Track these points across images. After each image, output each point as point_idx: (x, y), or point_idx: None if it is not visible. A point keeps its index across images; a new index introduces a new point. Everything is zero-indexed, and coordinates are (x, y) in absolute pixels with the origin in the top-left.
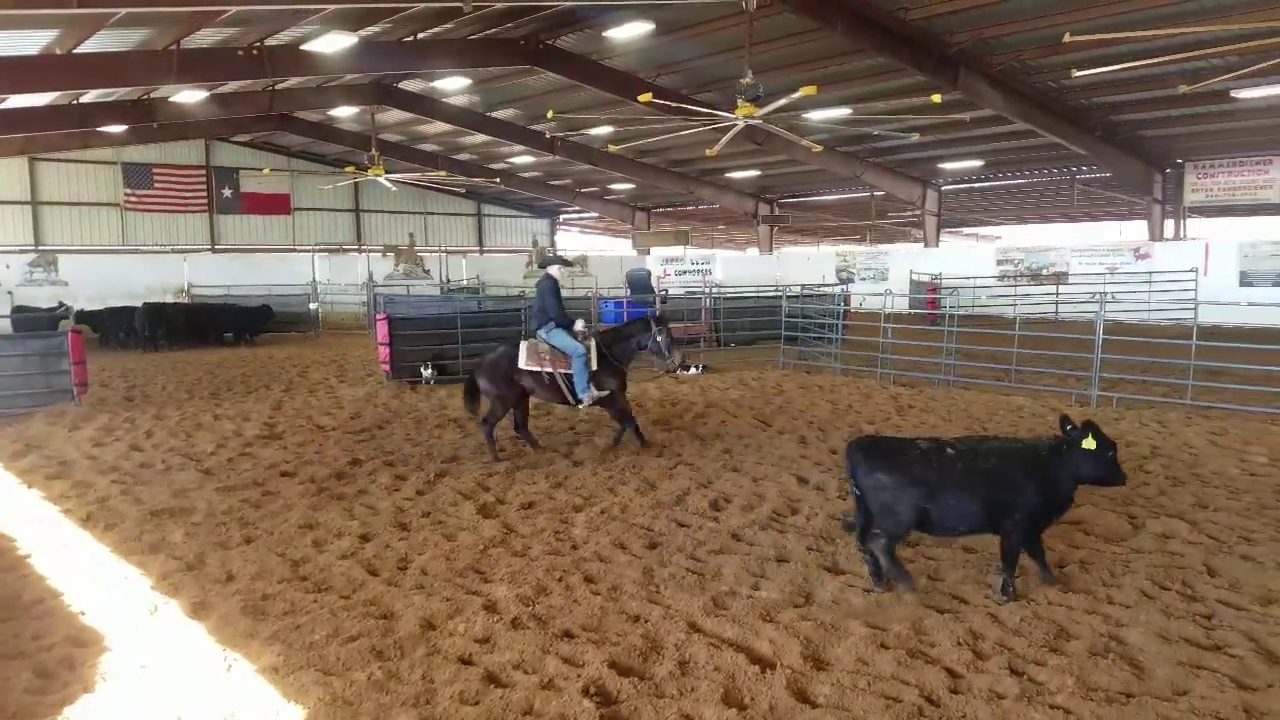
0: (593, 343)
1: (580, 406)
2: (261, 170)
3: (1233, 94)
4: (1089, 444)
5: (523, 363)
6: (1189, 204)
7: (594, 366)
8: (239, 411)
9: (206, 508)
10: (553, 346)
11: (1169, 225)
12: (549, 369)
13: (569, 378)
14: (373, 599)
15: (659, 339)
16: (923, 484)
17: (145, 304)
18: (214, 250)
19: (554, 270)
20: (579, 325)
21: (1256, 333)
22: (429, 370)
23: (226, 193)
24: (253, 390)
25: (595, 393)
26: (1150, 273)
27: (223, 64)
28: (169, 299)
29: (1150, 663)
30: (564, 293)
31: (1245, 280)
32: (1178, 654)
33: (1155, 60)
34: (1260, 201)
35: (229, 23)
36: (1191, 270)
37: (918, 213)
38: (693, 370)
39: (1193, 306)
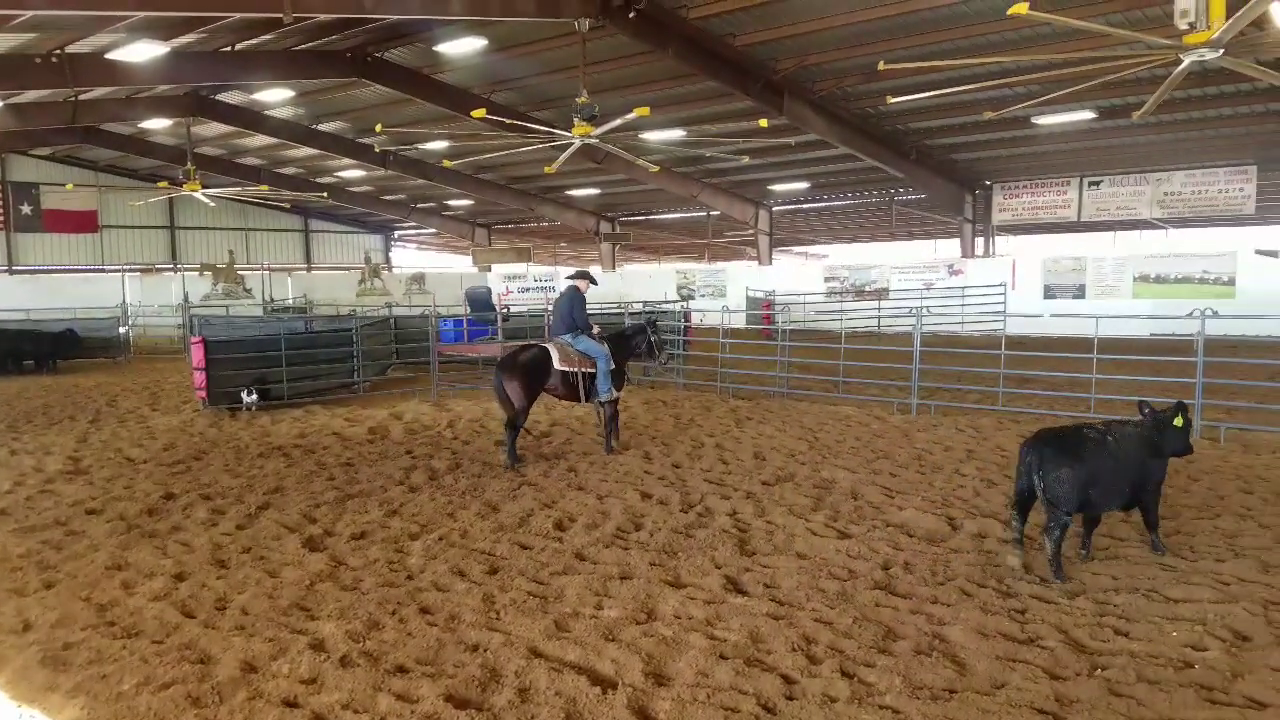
0: (607, 347)
1: (600, 400)
2: (65, 186)
3: (1033, 120)
4: (1179, 422)
5: (557, 364)
6: (997, 223)
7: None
8: (40, 445)
9: (0, 551)
10: (580, 351)
11: (979, 243)
12: (577, 369)
13: (590, 377)
14: (188, 642)
15: (652, 340)
16: (1096, 470)
17: None
18: (11, 272)
19: (580, 283)
20: (595, 332)
21: (1059, 342)
22: (251, 395)
23: (25, 209)
24: (55, 422)
25: (615, 393)
26: (963, 288)
27: (18, 72)
28: None
29: (970, 659)
30: (401, 311)
31: (1049, 293)
32: (995, 649)
33: (964, 88)
34: (1061, 220)
35: (24, 27)
36: (1000, 285)
37: (752, 232)
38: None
39: (1002, 319)
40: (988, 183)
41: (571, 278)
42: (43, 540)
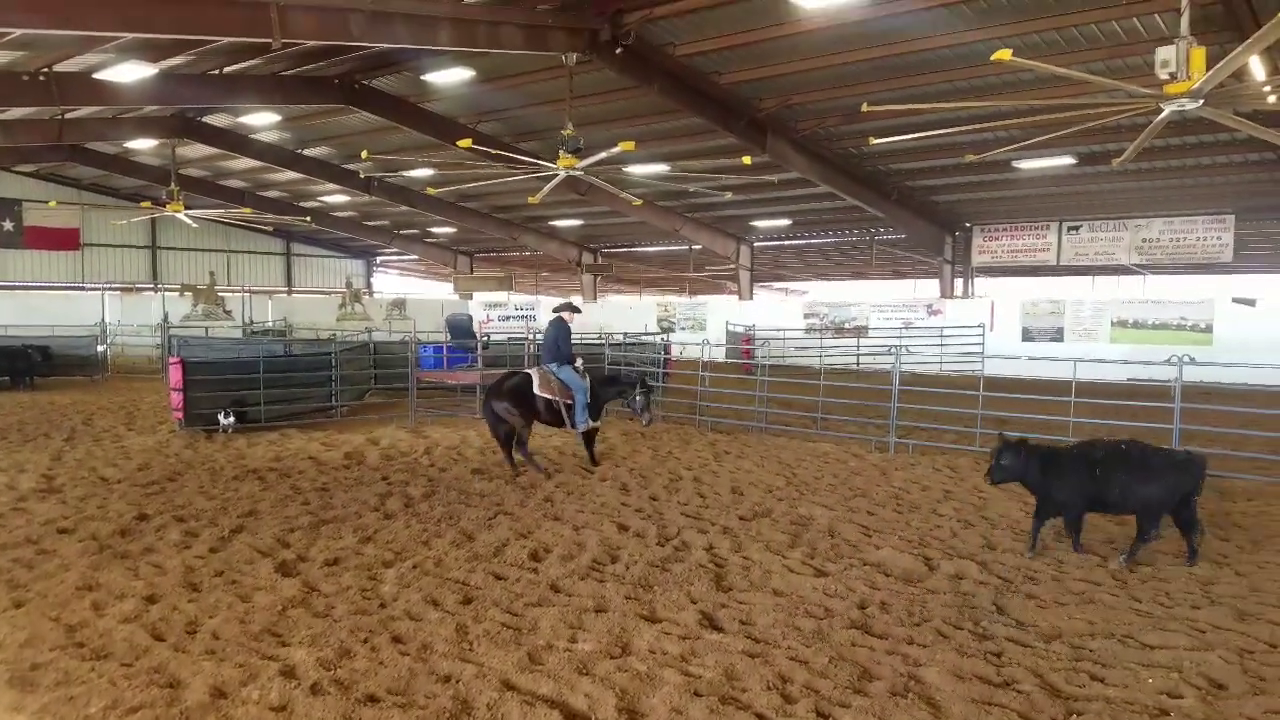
0: (588, 381)
1: (577, 429)
2: (48, 203)
3: (1014, 164)
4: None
5: (536, 388)
6: (976, 264)
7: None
8: (13, 463)
9: None
10: (562, 381)
11: (958, 283)
12: (558, 398)
13: (569, 407)
14: (157, 666)
15: (638, 399)
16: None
17: None
18: None
19: (565, 314)
20: (578, 364)
21: (1036, 384)
22: (228, 418)
23: (7, 226)
24: (30, 439)
25: (592, 423)
26: (942, 328)
27: (4, 88)
28: None
29: (946, 701)
30: (380, 335)
31: (1027, 335)
32: (971, 691)
33: (945, 131)
34: (1040, 263)
35: (12, 45)
36: (979, 326)
37: (733, 267)
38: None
39: (980, 359)
40: (968, 224)
41: (558, 309)
42: (13, 559)
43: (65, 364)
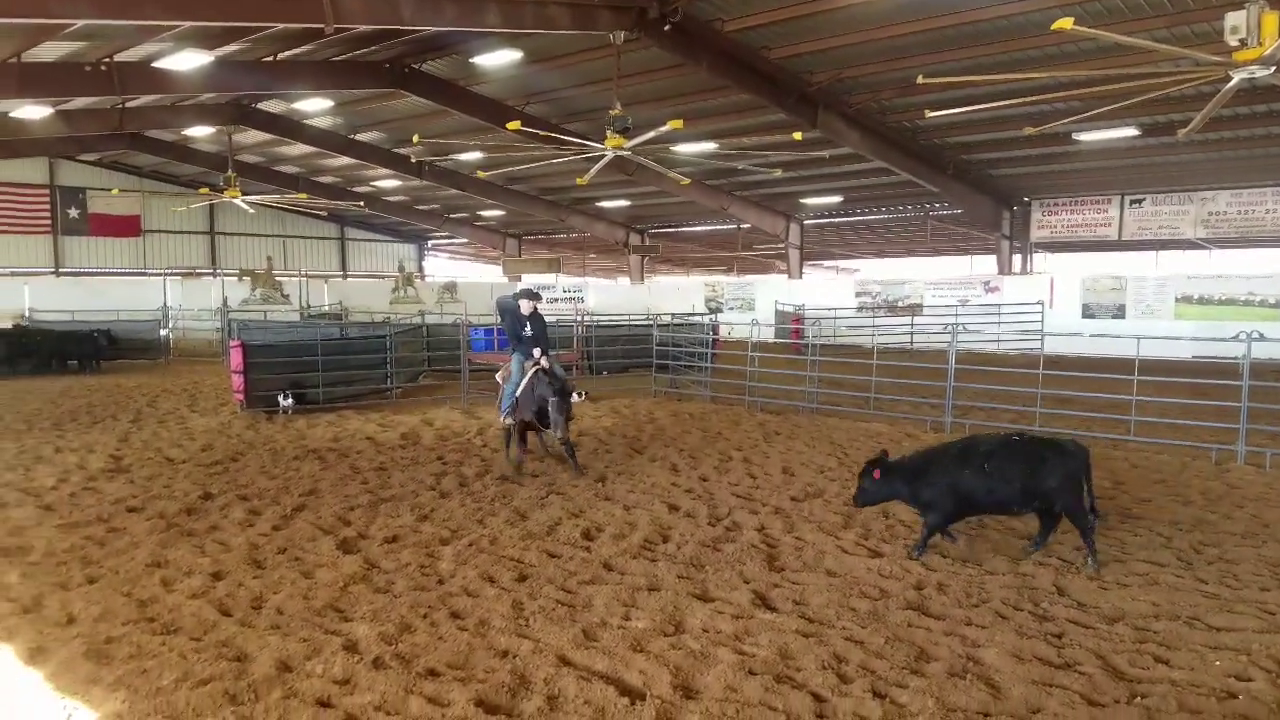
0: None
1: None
2: (110, 190)
3: (1074, 136)
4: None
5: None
6: (1035, 240)
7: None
8: (83, 443)
9: (45, 546)
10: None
11: (1016, 260)
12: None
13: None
14: (225, 640)
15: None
16: None
17: None
18: (58, 274)
19: (535, 304)
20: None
21: (1098, 363)
22: (287, 399)
23: (73, 213)
24: (98, 421)
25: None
26: (999, 305)
27: (68, 79)
28: (7, 325)
29: (1006, 682)
30: (432, 318)
31: (1087, 313)
32: (1031, 673)
33: (1003, 103)
34: (1101, 238)
35: (75, 36)
36: (1038, 303)
37: (782, 245)
38: (574, 397)
39: (1039, 337)
40: (1026, 199)
41: (529, 297)
42: (86, 536)
43: (129, 348)
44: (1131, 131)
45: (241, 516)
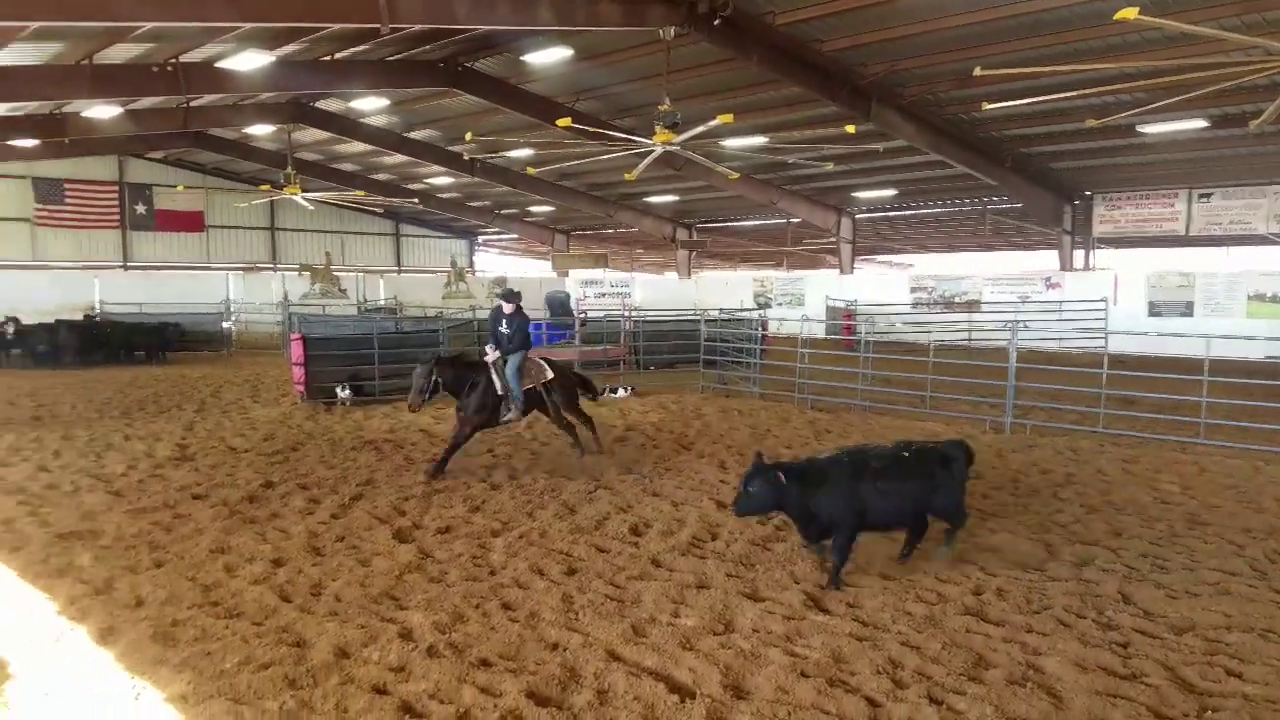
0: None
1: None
2: (175, 187)
3: (1139, 129)
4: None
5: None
6: (1098, 235)
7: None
8: (150, 432)
9: (115, 531)
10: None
11: (1078, 255)
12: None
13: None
14: (285, 625)
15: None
16: None
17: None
18: (126, 268)
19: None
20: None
21: (1165, 362)
22: (345, 391)
23: (140, 209)
24: (164, 410)
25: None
26: (1060, 302)
27: (136, 80)
28: (79, 316)
29: (1068, 692)
30: (483, 313)
31: (1153, 310)
32: (1095, 683)
33: (1065, 95)
34: (1167, 233)
35: (143, 38)
36: (1101, 300)
37: (833, 240)
38: (620, 393)
39: (1103, 336)
40: (1088, 193)
41: (509, 299)
42: (153, 522)
43: (193, 340)
44: (1200, 123)
45: (301, 505)
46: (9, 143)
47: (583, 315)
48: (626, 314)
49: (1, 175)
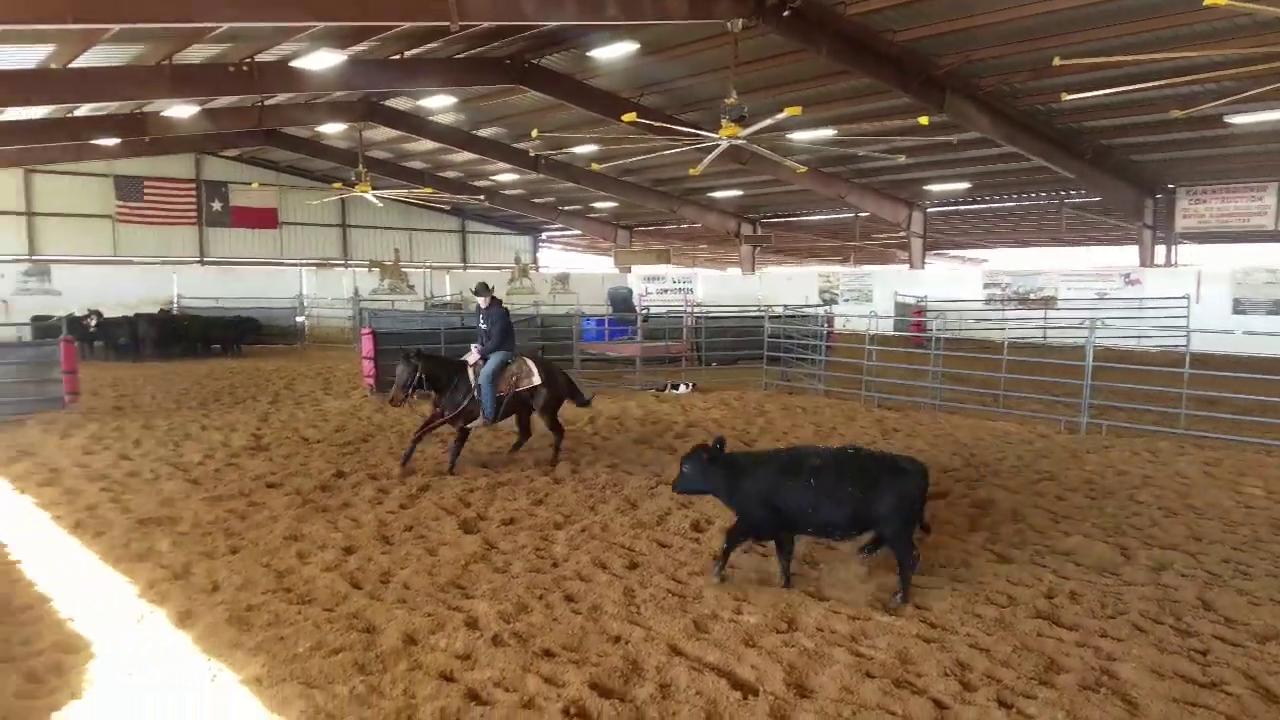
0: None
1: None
2: (250, 184)
3: (1226, 120)
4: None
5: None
6: (1180, 230)
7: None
8: (226, 422)
9: (193, 517)
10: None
11: (1160, 251)
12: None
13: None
14: (356, 612)
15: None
16: None
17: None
18: (203, 263)
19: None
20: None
21: (1250, 362)
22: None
23: (216, 206)
24: (240, 401)
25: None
26: (1140, 299)
27: (213, 79)
28: (156, 310)
29: (1143, 699)
30: (546, 309)
31: (1239, 308)
32: (1172, 690)
33: (1147, 85)
34: (1254, 228)
35: (220, 39)
36: (1183, 297)
37: (903, 234)
38: (682, 389)
39: (1184, 334)
40: (1171, 186)
41: (482, 292)
42: (229, 509)
43: (268, 333)
44: None
45: (371, 495)
46: (92, 142)
47: (645, 311)
48: (688, 310)
49: (85, 174)
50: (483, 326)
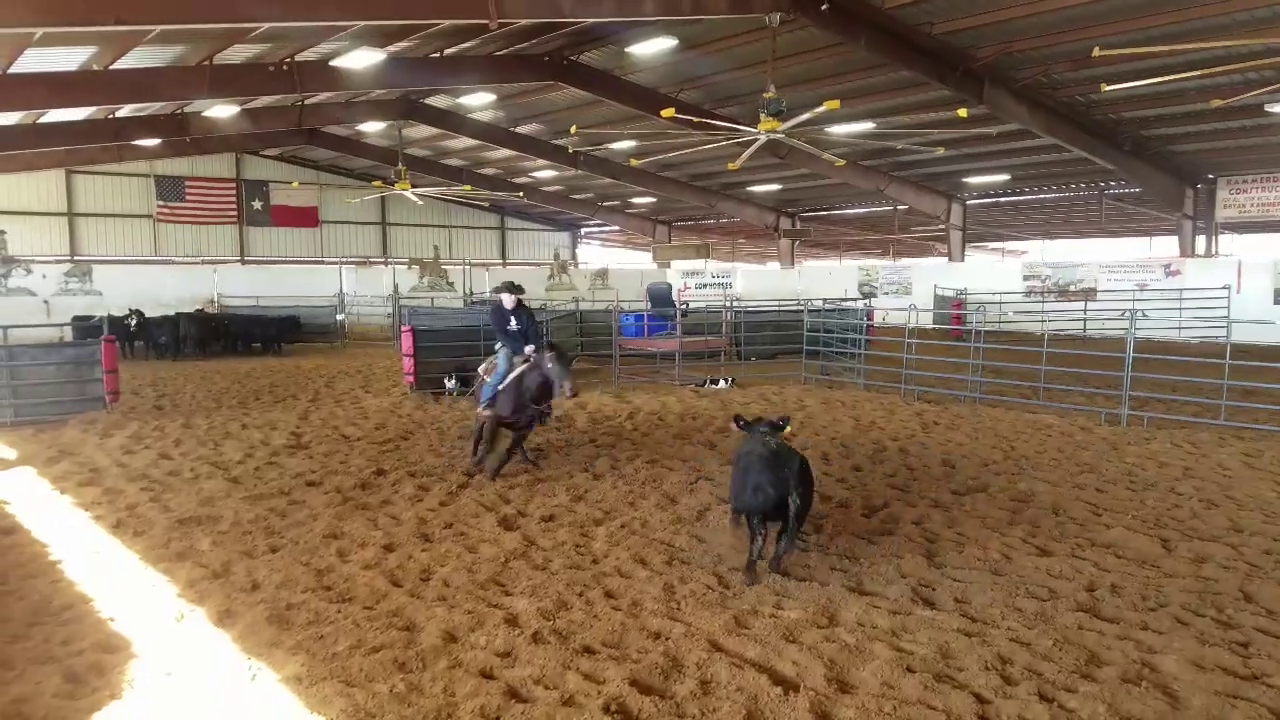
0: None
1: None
2: (290, 184)
3: (1267, 109)
4: None
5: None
6: (1221, 220)
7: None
8: (266, 421)
9: (233, 516)
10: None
11: (1200, 241)
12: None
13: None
14: (395, 610)
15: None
16: None
17: (178, 313)
18: (243, 262)
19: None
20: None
21: None
22: (452, 382)
23: (256, 205)
24: (280, 400)
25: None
26: (1181, 290)
27: (254, 79)
28: (194, 309)
29: (1185, 691)
30: (585, 305)
31: None
32: (1214, 683)
33: (1188, 74)
34: None
35: (260, 39)
36: (1224, 288)
37: (942, 227)
38: (721, 384)
39: (1225, 325)
40: (1211, 176)
41: (511, 291)
42: (269, 508)
43: (308, 332)
44: None
45: (411, 492)
46: (134, 142)
47: (684, 306)
48: (727, 304)
49: (126, 174)
50: (515, 326)
